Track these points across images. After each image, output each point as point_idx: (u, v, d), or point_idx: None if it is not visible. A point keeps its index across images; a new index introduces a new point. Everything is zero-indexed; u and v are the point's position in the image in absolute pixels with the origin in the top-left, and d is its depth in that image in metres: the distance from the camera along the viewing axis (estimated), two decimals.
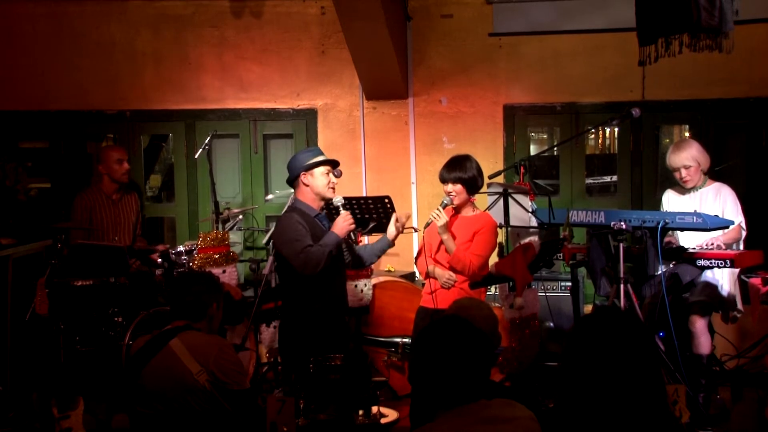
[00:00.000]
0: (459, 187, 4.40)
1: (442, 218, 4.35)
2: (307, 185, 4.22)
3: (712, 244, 4.58)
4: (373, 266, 5.17)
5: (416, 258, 4.72)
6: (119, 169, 5.74)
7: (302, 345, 4.11)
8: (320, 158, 4.22)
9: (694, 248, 4.60)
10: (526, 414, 2.39)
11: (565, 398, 2.25)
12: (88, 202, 5.68)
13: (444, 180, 4.45)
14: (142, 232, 6.12)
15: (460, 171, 4.41)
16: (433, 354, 2.37)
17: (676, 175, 4.91)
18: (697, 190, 4.92)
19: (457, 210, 4.48)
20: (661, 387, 2.24)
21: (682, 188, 4.98)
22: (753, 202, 5.93)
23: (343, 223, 4.15)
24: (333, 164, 4.27)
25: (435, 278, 4.47)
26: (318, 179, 4.20)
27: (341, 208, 4.22)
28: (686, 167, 4.84)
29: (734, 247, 4.70)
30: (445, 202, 4.42)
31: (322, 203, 4.27)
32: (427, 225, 4.46)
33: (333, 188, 4.26)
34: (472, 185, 4.44)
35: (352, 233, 5.28)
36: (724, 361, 5.21)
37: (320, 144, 6.52)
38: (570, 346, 2.25)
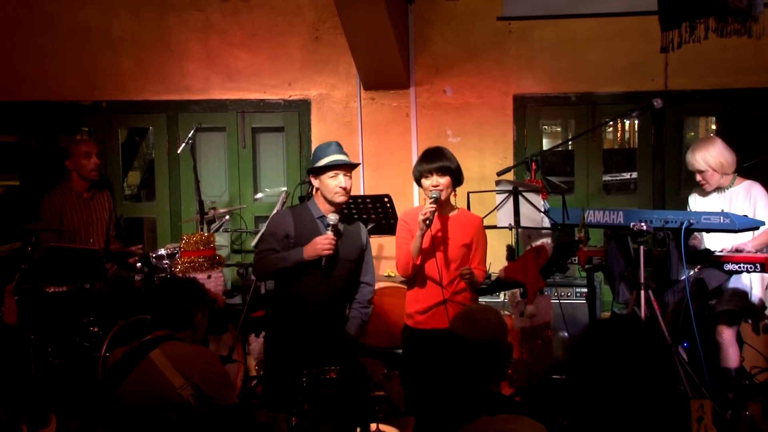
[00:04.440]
0: (447, 179, 4.26)
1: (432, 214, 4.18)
2: (317, 188, 4.25)
3: (740, 250, 4.58)
4: None
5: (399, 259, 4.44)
6: (87, 165, 5.75)
7: (282, 357, 4.17)
8: (326, 161, 4.18)
9: (721, 251, 4.62)
10: (535, 428, 2.41)
11: (575, 415, 2.23)
12: (58, 201, 5.69)
13: (427, 173, 4.26)
14: (117, 233, 6.13)
15: (446, 160, 4.27)
16: (420, 377, 2.39)
17: (696, 176, 4.96)
18: (725, 189, 4.94)
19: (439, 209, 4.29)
20: (679, 405, 2.23)
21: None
22: None
23: (319, 244, 4.10)
24: (343, 167, 4.19)
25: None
26: (324, 184, 4.19)
27: (329, 230, 4.14)
28: (700, 171, 4.88)
29: (765, 251, 4.71)
30: (434, 196, 4.22)
31: (334, 207, 4.22)
32: (430, 224, 4.21)
33: (344, 192, 4.17)
34: (458, 177, 4.34)
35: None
36: (754, 374, 5.23)
37: (314, 138, 6.54)
38: (574, 356, 2.21)
